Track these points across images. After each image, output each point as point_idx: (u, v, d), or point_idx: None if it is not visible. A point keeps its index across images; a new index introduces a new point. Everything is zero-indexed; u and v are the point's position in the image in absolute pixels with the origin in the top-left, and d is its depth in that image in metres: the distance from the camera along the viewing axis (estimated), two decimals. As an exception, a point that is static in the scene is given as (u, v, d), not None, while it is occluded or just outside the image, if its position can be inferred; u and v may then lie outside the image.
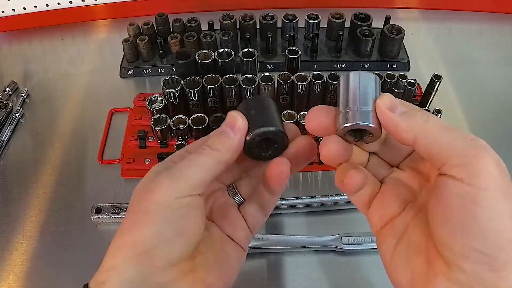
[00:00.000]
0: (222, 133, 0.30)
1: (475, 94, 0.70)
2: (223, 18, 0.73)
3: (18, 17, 0.84)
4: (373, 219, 0.31)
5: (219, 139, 0.30)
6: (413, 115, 0.26)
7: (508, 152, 0.61)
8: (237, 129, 0.30)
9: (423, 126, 0.25)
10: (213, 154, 0.29)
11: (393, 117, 0.26)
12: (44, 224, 0.54)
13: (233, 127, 0.30)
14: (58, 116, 0.68)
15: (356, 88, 0.28)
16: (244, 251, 0.34)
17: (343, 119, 0.27)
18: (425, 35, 0.83)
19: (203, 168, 0.28)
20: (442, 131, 0.24)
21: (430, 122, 0.25)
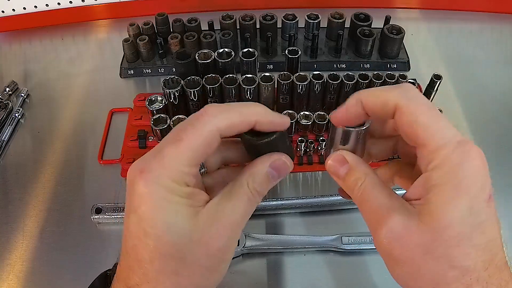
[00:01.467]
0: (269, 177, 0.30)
1: (475, 94, 0.70)
2: (223, 18, 0.73)
3: (18, 17, 0.84)
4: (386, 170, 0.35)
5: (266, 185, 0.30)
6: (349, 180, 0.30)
7: (508, 152, 0.61)
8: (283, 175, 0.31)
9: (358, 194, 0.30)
10: (257, 199, 0.30)
11: (337, 181, 0.32)
12: (44, 224, 0.54)
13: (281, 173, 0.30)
14: (58, 116, 0.68)
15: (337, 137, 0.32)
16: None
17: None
18: (425, 35, 0.83)
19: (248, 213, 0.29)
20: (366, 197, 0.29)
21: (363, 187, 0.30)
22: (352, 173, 0.30)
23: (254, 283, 0.48)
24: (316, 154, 0.59)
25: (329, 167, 0.31)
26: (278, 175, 0.30)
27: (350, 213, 0.54)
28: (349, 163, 0.30)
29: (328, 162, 0.31)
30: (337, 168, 0.30)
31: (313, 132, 0.61)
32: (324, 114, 0.59)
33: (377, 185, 0.29)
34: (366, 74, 0.60)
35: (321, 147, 0.57)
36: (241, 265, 0.50)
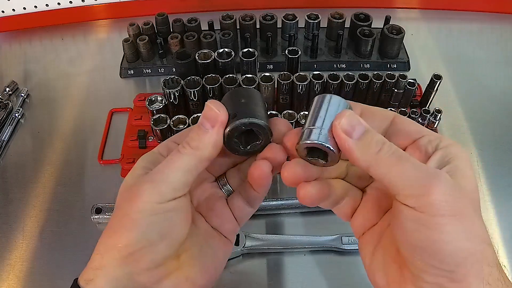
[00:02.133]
0: (199, 127, 0.29)
1: (475, 94, 0.70)
2: (223, 18, 0.73)
3: (18, 17, 0.84)
4: (355, 227, 0.32)
5: (197, 135, 0.29)
6: (368, 144, 0.26)
7: (508, 152, 0.61)
8: (213, 121, 0.28)
9: (375, 157, 0.25)
10: (192, 152, 0.28)
11: (348, 142, 0.26)
12: (44, 224, 0.54)
13: (210, 120, 0.28)
14: (58, 116, 0.68)
15: (322, 110, 0.27)
16: (230, 244, 0.34)
17: (302, 137, 0.27)
18: (425, 35, 0.83)
19: (184, 169, 0.28)
20: (394, 163, 0.25)
21: (383, 153, 0.25)
22: (371, 133, 0.26)
23: (254, 283, 0.48)
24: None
25: (342, 127, 0.26)
26: (209, 124, 0.28)
27: (350, 213, 0.54)
28: (363, 123, 0.26)
29: (342, 121, 0.26)
30: (351, 129, 0.26)
31: (313, 132, 0.61)
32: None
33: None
34: (366, 74, 0.60)
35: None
36: (241, 265, 0.50)
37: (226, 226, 0.33)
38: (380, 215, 0.30)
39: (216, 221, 0.33)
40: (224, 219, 0.33)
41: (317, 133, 0.27)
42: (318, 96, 0.28)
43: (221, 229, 0.33)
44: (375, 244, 0.30)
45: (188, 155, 0.28)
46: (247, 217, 0.35)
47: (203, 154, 0.28)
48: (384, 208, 0.30)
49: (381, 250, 0.29)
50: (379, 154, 0.25)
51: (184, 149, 0.28)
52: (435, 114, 0.60)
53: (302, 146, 0.27)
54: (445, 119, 0.64)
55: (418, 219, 0.24)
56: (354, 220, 0.32)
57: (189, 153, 0.28)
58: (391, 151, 0.25)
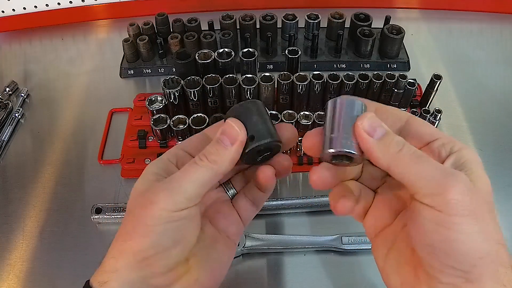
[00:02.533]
0: (219, 142, 0.30)
1: (475, 94, 0.70)
2: (223, 18, 0.73)
3: (18, 17, 0.84)
4: (367, 227, 0.33)
5: (216, 150, 0.29)
6: (388, 143, 0.27)
7: (508, 152, 0.61)
8: (234, 139, 0.29)
9: (396, 156, 0.26)
10: (209, 166, 0.29)
11: (369, 142, 0.27)
12: (44, 224, 0.54)
13: (230, 137, 0.30)
14: (58, 116, 0.68)
15: (340, 115, 0.28)
16: (234, 246, 0.35)
17: (325, 145, 0.28)
18: (425, 35, 0.83)
19: (200, 181, 0.29)
20: (414, 162, 0.26)
21: (403, 152, 0.26)
22: (391, 135, 0.27)
23: (254, 283, 0.48)
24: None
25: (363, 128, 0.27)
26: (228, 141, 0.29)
27: (350, 213, 0.54)
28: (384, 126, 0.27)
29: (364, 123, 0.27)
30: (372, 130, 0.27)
31: (313, 132, 0.61)
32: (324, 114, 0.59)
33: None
34: (366, 74, 0.60)
35: (321, 147, 0.57)
36: (241, 265, 0.50)
37: (232, 228, 0.34)
38: (392, 216, 0.31)
39: (223, 223, 0.34)
40: (230, 220, 0.35)
41: (340, 140, 0.27)
42: (333, 100, 0.29)
43: (228, 231, 0.34)
44: (389, 246, 0.30)
45: (205, 168, 0.29)
46: (251, 217, 0.36)
47: (219, 169, 0.29)
48: (395, 209, 0.31)
49: (395, 252, 0.30)
50: (399, 153, 0.26)
51: (201, 161, 0.29)
52: (435, 114, 0.60)
53: (327, 154, 0.28)
54: (445, 119, 0.64)
55: (436, 218, 0.24)
56: (366, 220, 0.32)
57: (206, 166, 0.29)
58: (411, 151, 0.26)
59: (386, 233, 0.31)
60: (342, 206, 0.31)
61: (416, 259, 0.27)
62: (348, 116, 0.28)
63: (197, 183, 0.29)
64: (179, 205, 0.28)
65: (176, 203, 0.28)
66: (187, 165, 0.29)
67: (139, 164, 0.58)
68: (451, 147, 0.27)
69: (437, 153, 0.28)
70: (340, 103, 0.28)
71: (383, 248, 0.31)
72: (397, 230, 0.30)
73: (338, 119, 0.28)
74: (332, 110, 0.29)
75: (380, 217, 0.32)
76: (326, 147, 0.28)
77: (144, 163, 0.58)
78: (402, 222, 0.30)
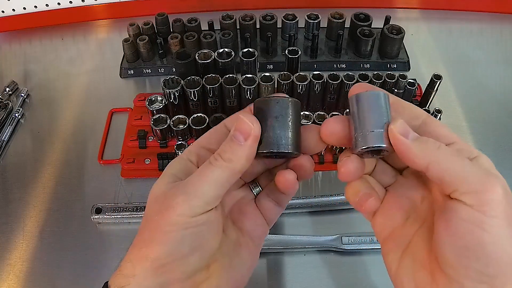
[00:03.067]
0: (232, 139, 0.29)
1: (475, 94, 0.70)
2: (223, 18, 0.73)
3: (18, 17, 0.84)
4: (377, 228, 0.32)
5: (231, 147, 0.28)
6: (426, 142, 0.26)
7: (508, 152, 0.61)
8: (247, 134, 0.28)
9: (436, 153, 0.26)
10: (225, 165, 0.28)
11: (406, 142, 0.26)
12: (44, 224, 0.54)
13: (243, 133, 0.28)
14: (58, 116, 0.68)
15: (367, 110, 0.28)
16: (258, 251, 0.34)
17: (358, 142, 0.28)
18: (425, 35, 0.83)
19: (217, 182, 0.28)
20: (455, 159, 0.25)
21: (443, 150, 0.26)
22: (424, 137, 0.27)
23: (254, 283, 0.48)
24: (316, 154, 0.59)
25: (398, 130, 0.27)
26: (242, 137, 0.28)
27: (350, 213, 0.54)
28: (414, 133, 0.27)
29: (398, 125, 0.27)
30: (407, 132, 0.27)
31: (313, 132, 0.61)
32: (324, 114, 0.59)
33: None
34: (366, 74, 0.60)
35: (321, 147, 0.57)
36: (241, 265, 0.50)
37: (258, 229, 0.33)
38: (402, 217, 0.30)
39: (248, 224, 0.33)
40: (255, 221, 0.33)
41: (373, 135, 0.28)
42: (356, 94, 0.29)
43: (252, 233, 0.33)
44: (402, 250, 0.30)
45: (221, 168, 0.28)
46: (276, 218, 0.35)
47: (236, 167, 0.28)
48: (406, 210, 0.30)
49: (409, 256, 0.29)
50: (439, 150, 0.26)
51: (216, 161, 0.28)
52: (435, 114, 0.60)
53: (360, 151, 0.28)
54: (445, 119, 0.64)
55: (473, 218, 0.24)
56: (375, 219, 0.32)
57: (221, 166, 0.28)
58: (450, 149, 0.26)
59: (398, 236, 0.30)
60: (369, 206, 0.30)
61: (433, 263, 0.27)
62: (375, 110, 0.28)
63: (214, 185, 0.28)
64: (197, 209, 0.27)
65: (193, 207, 0.27)
66: (202, 166, 0.28)
67: (139, 164, 0.58)
68: (469, 153, 0.27)
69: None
70: (365, 97, 0.28)
71: (396, 252, 0.30)
72: (410, 233, 0.30)
73: (366, 115, 0.28)
74: (357, 105, 0.28)
75: (391, 217, 0.31)
76: (359, 143, 0.28)
77: (144, 163, 0.58)
78: (415, 224, 0.30)
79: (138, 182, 0.58)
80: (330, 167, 0.59)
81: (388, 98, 0.29)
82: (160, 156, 0.58)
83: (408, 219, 0.30)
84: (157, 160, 0.58)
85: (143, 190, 0.57)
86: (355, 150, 0.28)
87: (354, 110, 0.29)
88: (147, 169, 0.58)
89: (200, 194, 0.27)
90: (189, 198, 0.27)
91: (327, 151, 0.59)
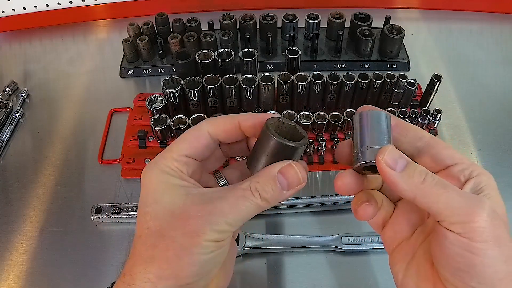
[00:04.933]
0: (276, 183, 0.29)
1: (475, 94, 0.70)
2: (223, 18, 0.73)
3: (18, 17, 0.84)
4: (386, 240, 0.33)
5: (273, 190, 0.29)
6: (412, 174, 0.27)
7: (508, 152, 0.61)
8: (293, 187, 0.29)
9: (421, 186, 0.27)
10: (260, 204, 0.29)
11: (393, 175, 0.27)
12: (44, 224, 0.54)
13: (291, 184, 0.29)
14: (58, 116, 0.68)
15: (367, 127, 0.29)
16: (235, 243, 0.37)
17: (356, 157, 0.30)
18: (425, 35, 0.83)
19: (247, 216, 0.29)
20: (440, 192, 0.26)
21: (428, 182, 0.27)
22: (413, 165, 0.28)
23: (254, 283, 0.48)
24: (316, 154, 0.59)
25: (385, 162, 0.27)
26: (287, 183, 0.29)
27: (350, 213, 0.54)
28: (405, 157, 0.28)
29: (385, 156, 0.27)
30: (394, 163, 0.27)
31: (313, 132, 0.61)
32: (324, 114, 0.59)
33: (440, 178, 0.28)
34: (366, 74, 0.60)
35: (321, 147, 0.57)
36: (241, 265, 0.50)
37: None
38: (410, 230, 0.32)
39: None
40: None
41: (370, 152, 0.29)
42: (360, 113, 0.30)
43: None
44: (408, 260, 0.31)
45: (255, 205, 0.29)
46: None
47: (267, 207, 0.29)
48: (414, 223, 0.32)
49: (414, 266, 0.30)
50: (424, 184, 0.27)
51: (253, 197, 0.29)
52: (435, 114, 0.60)
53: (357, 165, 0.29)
54: (445, 119, 0.64)
55: (462, 244, 0.25)
56: (384, 232, 0.33)
57: (257, 204, 0.29)
58: (435, 181, 0.27)
59: (404, 247, 0.32)
60: (363, 211, 0.31)
61: (435, 276, 0.28)
62: (375, 128, 0.29)
63: (244, 217, 0.29)
64: (225, 236, 0.29)
65: (222, 234, 0.28)
66: (237, 198, 0.29)
67: (139, 164, 0.58)
68: (470, 172, 0.28)
69: (457, 178, 0.29)
70: (366, 116, 0.30)
71: (402, 262, 0.31)
72: (416, 245, 0.31)
73: (366, 132, 0.29)
74: (360, 123, 0.30)
75: (399, 230, 0.32)
76: (358, 159, 0.29)
77: (144, 163, 0.58)
78: (421, 237, 0.31)
79: (138, 182, 0.57)
80: (330, 167, 0.59)
81: (390, 119, 0.30)
82: (160, 156, 0.58)
83: (415, 232, 0.32)
84: (157, 160, 0.58)
85: (143, 190, 0.57)
86: (354, 166, 0.30)
87: (356, 127, 0.30)
88: (147, 169, 0.58)
89: (230, 223, 0.28)
90: (218, 225, 0.28)
91: (327, 151, 0.59)
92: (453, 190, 0.26)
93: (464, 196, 0.26)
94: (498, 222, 0.26)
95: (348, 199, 0.54)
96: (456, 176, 0.29)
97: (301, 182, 0.29)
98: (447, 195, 0.26)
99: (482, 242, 0.25)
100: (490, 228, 0.25)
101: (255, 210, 0.29)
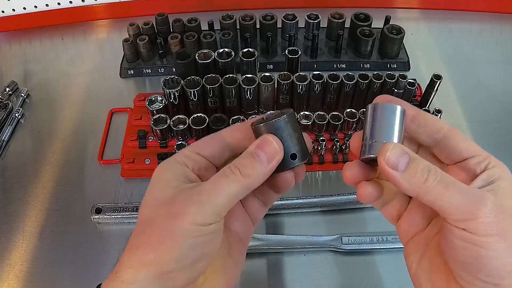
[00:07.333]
0: (254, 157, 0.29)
1: (475, 94, 0.70)
2: (223, 18, 0.73)
3: (18, 17, 0.84)
4: (401, 232, 0.33)
5: (252, 164, 0.29)
6: (414, 174, 0.27)
7: (508, 152, 0.61)
8: (271, 157, 0.29)
9: (423, 186, 0.27)
10: (242, 180, 0.28)
11: (395, 176, 0.27)
12: (44, 224, 0.54)
13: (268, 154, 0.29)
14: (58, 116, 0.68)
15: (379, 120, 0.29)
16: (245, 249, 0.35)
17: (363, 149, 0.29)
18: (425, 35, 0.83)
19: (231, 196, 0.28)
20: (441, 191, 0.26)
21: (430, 181, 0.27)
22: (416, 163, 0.27)
23: (254, 283, 0.48)
24: (316, 154, 0.59)
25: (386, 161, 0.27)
26: (265, 156, 0.29)
27: (350, 213, 0.54)
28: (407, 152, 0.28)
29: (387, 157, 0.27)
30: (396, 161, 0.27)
31: (313, 132, 0.61)
32: (324, 114, 0.59)
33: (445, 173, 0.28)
34: (366, 74, 0.60)
35: (321, 147, 0.57)
36: (241, 265, 0.50)
37: (246, 229, 0.34)
38: (425, 222, 0.32)
39: (237, 225, 0.34)
40: (243, 221, 0.34)
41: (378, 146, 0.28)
42: (373, 105, 0.29)
43: (241, 233, 0.34)
44: (421, 252, 0.31)
45: (237, 182, 0.28)
46: (261, 217, 0.36)
47: (252, 183, 0.29)
48: (429, 215, 0.32)
49: (427, 258, 0.31)
50: (426, 183, 0.27)
51: (233, 174, 0.28)
52: (435, 114, 0.60)
53: (365, 157, 0.29)
54: (445, 119, 0.64)
55: (467, 238, 0.26)
56: (400, 224, 0.33)
57: (238, 180, 0.28)
58: (437, 179, 0.27)
59: (419, 239, 0.32)
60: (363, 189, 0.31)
61: (448, 269, 0.28)
62: (386, 122, 0.29)
63: (228, 197, 0.28)
64: (209, 220, 0.28)
65: (205, 217, 0.27)
66: (217, 177, 0.29)
67: (139, 164, 0.58)
68: (487, 164, 0.29)
69: (472, 171, 0.29)
70: (380, 108, 0.29)
71: (416, 254, 0.31)
72: (430, 237, 0.31)
73: (375, 125, 0.29)
74: (372, 115, 0.29)
75: (414, 222, 0.32)
76: (363, 151, 0.29)
77: (144, 163, 0.58)
78: (435, 229, 0.31)
79: (138, 182, 0.58)
80: (330, 167, 0.59)
81: (404, 113, 0.29)
82: (160, 156, 0.58)
83: (429, 224, 0.32)
84: (157, 160, 0.58)
85: (143, 190, 0.56)
86: (361, 157, 0.30)
87: (368, 119, 0.29)
88: (147, 169, 0.58)
89: (213, 205, 0.28)
90: (203, 208, 0.27)
91: (327, 151, 0.59)
92: (455, 188, 0.26)
93: (466, 193, 0.26)
94: (503, 215, 0.26)
95: (348, 199, 0.54)
96: (473, 169, 0.29)
97: (278, 152, 0.29)
98: (449, 194, 0.26)
99: (487, 236, 0.25)
100: (494, 222, 0.25)
101: (239, 187, 0.28)
